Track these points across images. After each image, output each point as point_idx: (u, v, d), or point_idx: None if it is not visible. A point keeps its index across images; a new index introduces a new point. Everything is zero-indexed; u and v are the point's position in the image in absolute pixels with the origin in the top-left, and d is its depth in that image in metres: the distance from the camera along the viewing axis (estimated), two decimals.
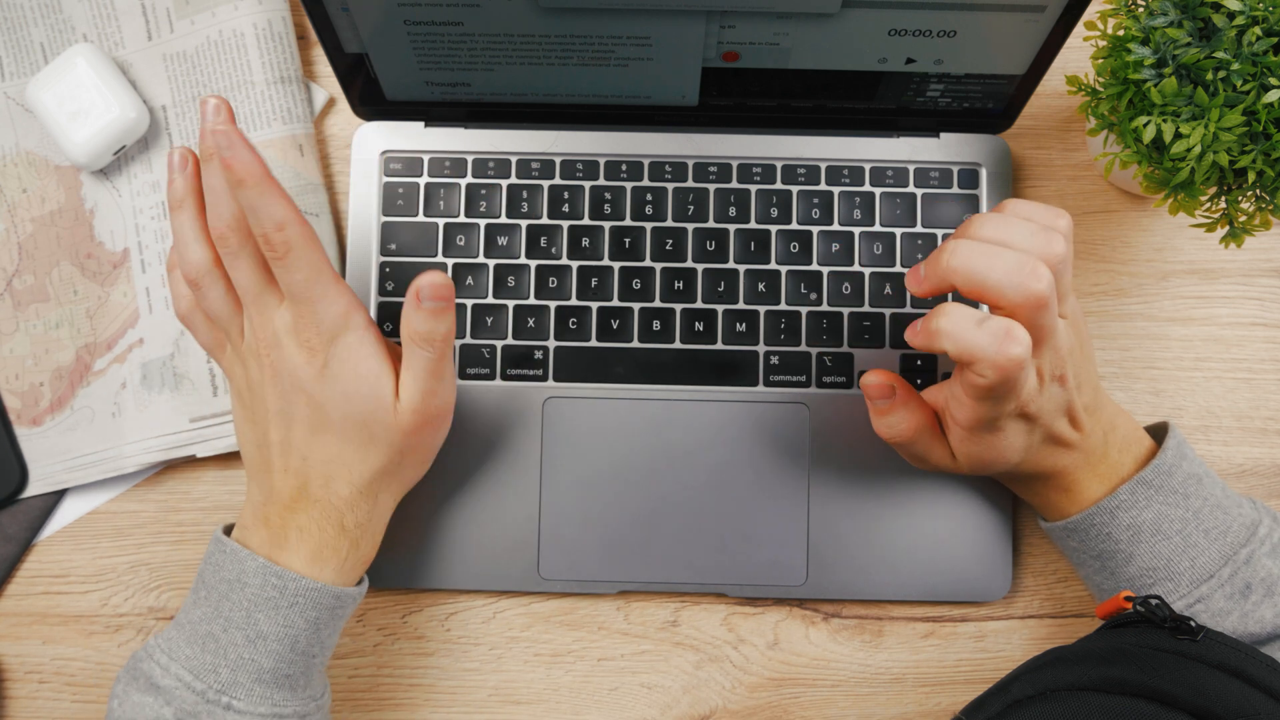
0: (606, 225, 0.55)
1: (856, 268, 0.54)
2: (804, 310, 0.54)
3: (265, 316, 0.44)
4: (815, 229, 0.55)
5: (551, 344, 0.54)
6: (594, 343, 0.54)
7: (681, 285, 0.54)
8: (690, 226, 0.55)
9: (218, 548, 0.44)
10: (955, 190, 0.55)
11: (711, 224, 0.55)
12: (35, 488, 0.54)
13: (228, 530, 0.46)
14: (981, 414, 0.43)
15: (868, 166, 0.55)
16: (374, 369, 0.44)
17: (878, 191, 0.55)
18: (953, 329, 0.40)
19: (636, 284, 0.54)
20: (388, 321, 0.54)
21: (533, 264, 0.55)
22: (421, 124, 0.56)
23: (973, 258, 0.40)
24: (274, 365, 0.44)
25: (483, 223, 0.55)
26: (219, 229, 0.43)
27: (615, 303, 0.54)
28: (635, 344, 0.54)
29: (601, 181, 0.55)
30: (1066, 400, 0.44)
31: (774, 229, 0.55)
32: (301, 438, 0.44)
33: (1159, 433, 0.49)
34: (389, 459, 0.45)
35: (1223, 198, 0.46)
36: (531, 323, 0.54)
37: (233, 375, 0.47)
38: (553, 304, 0.54)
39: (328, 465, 0.44)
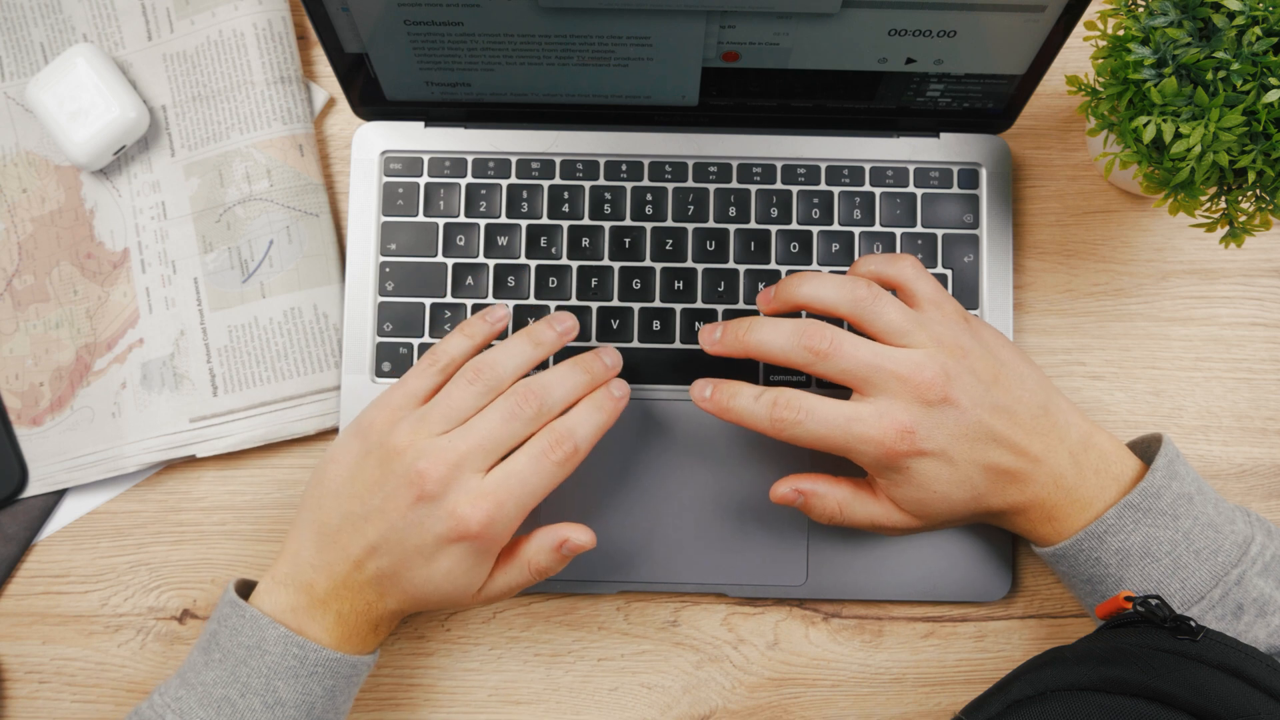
0: (606, 225, 0.55)
1: None
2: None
3: (470, 452, 0.44)
4: (815, 229, 0.55)
5: None
6: (594, 343, 0.54)
7: (681, 285, 0.54)
8: (690, 226, 0.55)
9: (234, 611, 0.44)
10: (955, 190, 0.55)
11: (711, 224, 0.55)
12: (35, 488, 0.54)
13: (241, 589, 0.46)
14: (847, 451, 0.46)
15: (868, 166, 0.55)
16: (474, 576, 0.45)
17: (878, 191, 0.55)
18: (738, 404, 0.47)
19: (636, 284, 0.54)
20: (387, 322, 0.54)
21: (533, 264, 0.55)
22: (421, 124, 0.56)
23: (756, 332, 0.47)
24: (425, 492, 0.43)
25: (483, 223, 0.55)
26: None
27: (615, 303, 0.54)
28: (635, 344, 0.54)
29: (601, 181, 0.55)
30: (978, 427, 0.45)
31: (774, 229, 0.55)
32: (396, 564, 0.45)
33: (1150, 445, 0.48)
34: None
35: (1223, 198, 0.46)
36: (531, 323, 0.54)
37: (381, 440, 0.45)
38: (553, 304, 0.54)
39: (396, 593, 0.45)
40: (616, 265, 0.55)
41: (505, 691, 0.53)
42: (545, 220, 0.55)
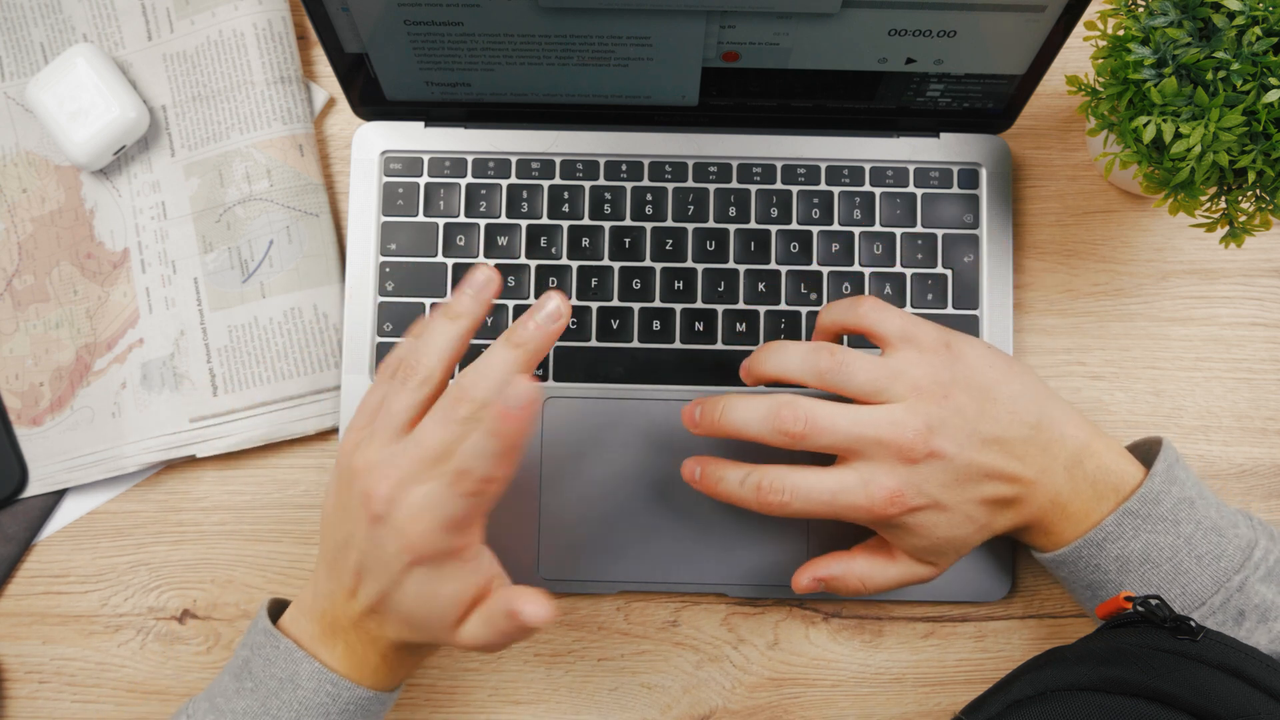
0: (606, 225, 0.55)
1: (856, 268, 0.54)
2: (804, 310, 0.54)
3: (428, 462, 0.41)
4: (815, 229, 0.55)
5: None
6: (594, 343, 0.54)
7: (681, 285, 0.54)
8: (690, 226, 0.55)
9: (269, 640, 0.43)
10: (955, 190, 0.55)
11: (711, 224, 0.55)
12: (35, 488, 0.54)
13: (273, 609, 0.45)
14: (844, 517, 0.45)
15: (868, 166, 0.55)
16: (443, 600, 0.41)
17: (878, 191, 0.55)
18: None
19: (636, 284, 0.54)
20: (387, 321, 0.54)
21: (533, 264, 0.55)
22: (421, 124, 0.56)
23: (734, 412, 0.46)
24: (374, 513, 0.41)
25: (483, 223, 0.55)
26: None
27: (615, 303, 0.54)
28: (635, 344, 0.54)
29: (601, 181, 0.55)
30: (968, 469, 0.44)
31: (774, 229, 0.55)
32: (380, 589, 0.42)
33: (1151, 448, 0.47)
34: (432, 648, 0.45)
35: (1223, 198, 0.46)
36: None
37: (346, 464, 0.43)
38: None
39: (389, 620, 0.43)
40: (616, 265, 0.55)
41: (505, 691, 0.53)
42: (545, 220, 0.55)
